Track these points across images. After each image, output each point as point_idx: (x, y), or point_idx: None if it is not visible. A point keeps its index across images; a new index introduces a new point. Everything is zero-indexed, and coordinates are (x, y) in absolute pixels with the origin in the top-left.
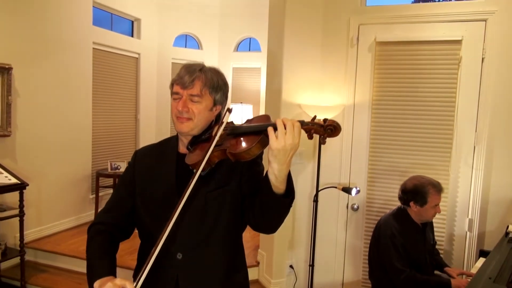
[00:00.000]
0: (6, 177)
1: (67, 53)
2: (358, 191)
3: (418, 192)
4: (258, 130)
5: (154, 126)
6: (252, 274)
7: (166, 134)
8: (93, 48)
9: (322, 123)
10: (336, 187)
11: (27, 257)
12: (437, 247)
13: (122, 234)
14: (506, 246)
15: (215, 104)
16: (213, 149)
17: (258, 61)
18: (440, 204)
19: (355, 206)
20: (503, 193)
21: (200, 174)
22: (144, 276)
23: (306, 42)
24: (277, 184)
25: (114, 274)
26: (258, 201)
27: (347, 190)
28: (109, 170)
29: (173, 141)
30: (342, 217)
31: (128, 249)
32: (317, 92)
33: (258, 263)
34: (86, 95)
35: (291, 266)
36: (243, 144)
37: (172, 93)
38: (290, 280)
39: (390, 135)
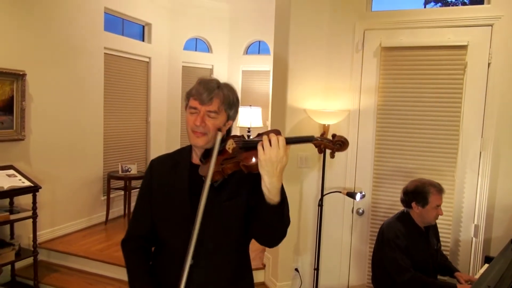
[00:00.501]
0: (20, 180)
1: (79, 59)
2: (363, 196)
3: (419, 192)
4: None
5: (164, 129)
6: (258, 276)
7: (176, 137)
8: (105, 53)
9: (331, 138)
10: (341, 192)
11: (40, 257)
12: (443, 252)
13: (152, 242)
14: (510, 253)
15: (228, 119)
16: (226, 161)
17: (267, 64)
18: (446, 209)
19: (360, 211)
20: (510, 199)
21: (213, 185)
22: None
23: (311, 47)
24: (271, 196)
25: None
26: (257, 213)
27: (351, 195)
28: (120, 172)
29: (186, 151)
30: (347, 221)
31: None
32: (322, 97)
33: (264, 265)
34: (98, 99)
35: (296, 270)
36: (254, 157)
37: (189, 107)
38: (295, 283)
39: (395, 139)
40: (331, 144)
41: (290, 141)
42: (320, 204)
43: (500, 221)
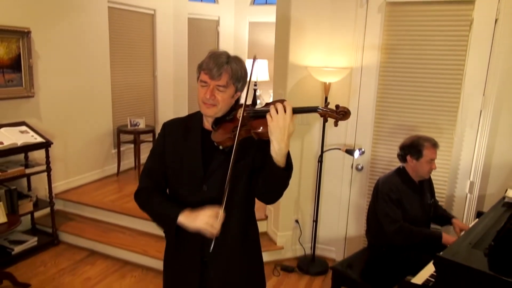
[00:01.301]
0: (32, 136)
1: (83, 13)
2: (362, 152)
3: (414, 146)
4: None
5: (172, 82)
6: (261, 227)
7: (184, 90)
8: (109, 6)
9: (335, 109)
10: (340, 149)
11: (57, 207)
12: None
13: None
14: (499, 210)
15: (236, 91)
16: (237, 128)
17: (274, 15)
18: (443, 165)
19: (359, 166)
20: (506, 157)
21: (224, 149)
22: (224, 206)
23: (314, 1)
24: (278, 159)
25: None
26: (263, 174)
27: (350, 152)
28: (129, 126)
29: (198, 116)
30: (346, 177)
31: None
32: (325, 55)
33: (267, 217)
34: (104, 54)
35: (296, 221)
36: (263, 125)
37: (200, 80)
38: (295, 233)
39: (397, 96)
40: (335, 114)
41: (296, 110)
42: (320, 160)
43: (495, 179)
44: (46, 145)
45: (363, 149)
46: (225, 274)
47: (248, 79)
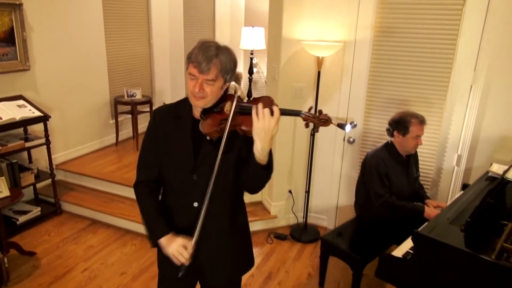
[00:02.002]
0: (30, 110)
1: None
2: (354, 126)
3: (402, 121)
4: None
5: (167, 50)
6: (256, 196)
7: (180, 59)
8: None
9: (317, 115)
10: (332, 123)
11: (58, 177)
12: (425, 179)
13: (161, 184)
14: (482, 184)
15: (225, 82)
16: (224, 121)
17: None
18: (432, 139)
19: (351, 139)
20: (494, 131)
21: (212, 140)
22: (196, 235)
23: None
24: (261, 157)
25: (170, 229)
26: (246, 168)
27: (341, 126)
28: (125, 97)
29: (187, 104)
30: (338, 149)
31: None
32: (318, 28)
33: None
34: (98, 24)
35: (290, 191)
36: (248, 123)
37: (189, 73)
38: (288, 203)
39: (389, 71)
40: (316, 120)
41: (283, 111)
42: (313, 134)
43: (483, 152)
44: (44, 119)
45: (355, 122)
46: (213, 256)
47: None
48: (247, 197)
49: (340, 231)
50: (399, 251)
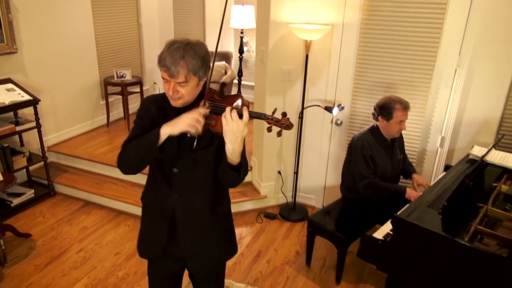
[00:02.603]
0: (19, 94)
1: None
2: (342, 108)
3: (386, 107)
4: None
5: (157, 29)
6: (247, 176)
7: (170, 36)
8: None
9: (279, 118)
10: (319, 106)
11: (51, 159)
12: (410, 160)
13: None
14: (462, 166)
15: (199, 80)
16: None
17: None
18: (417, 121)
19: (339, 121)
20: (477, 114)
21: (189, 136)
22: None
23: None
24: (232, 157)
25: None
26: (221, 165)
27: (329, 109)
28: (115, 78)
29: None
30: (326, 131)
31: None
32: (306, 11)
33: (251, 168)
34: (85, 3)
35: (279, 172)
36: (219, 124)
37: (162, 76)
38: (278, 183)
39: (376, 54)
40: (278, 124)
41: (251, 114)
42: (301, 117)
43: (465, 134)
44: (33, 102)
45: (342, 105)
46: (195, 245)
47: (211, 63)
48: None
49: (326, 211)
50: (380, 233)
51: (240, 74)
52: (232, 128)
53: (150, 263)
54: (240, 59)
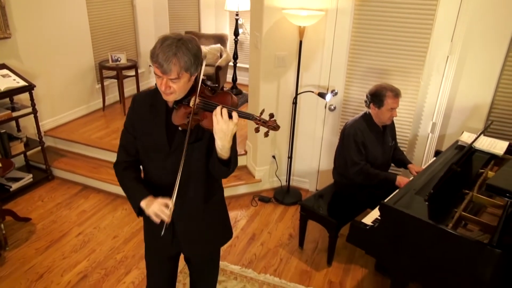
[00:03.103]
0: (14, 80)
1: None
2: (335, 94)
3: (377, 94)
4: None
5: (151, 11)
6: (242, 161)
7: (165, 19)
8: None
9: (266, 120)
10: (313, 92)
11: (48, 143)
12: (402, 145)
13: (140, 164)
14: (451, 153)
15: (191, 76)
16: (190, 115)
17: None
18: (409, 107)
19: (332, 107)
20: (467, 101)
21: (181, 130)
22: (174, 196)
23: None
24: (222, 153)
25: (151, 194)
26: (211, 159)
27: (322, 95)
28: (110, 62)
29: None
30: (320, 116)
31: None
32: None
33: (246, 152)
34: None
35: (273, 157)
36: (210, 121)
37: (154, 72)
38: (272, 167)
39: (369, 40)
40: (265, 125)
41: (240, 114)
42: (295, 102)
43: (456, 120)
44: (29, 88)
45: (336, 91)
46: (190, 233)
47: (202, 59)
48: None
49: (319, 196)
50: (369, 218)
51: (235, 57)
52: (222, 127)
53: (148, 248)
54: (236, 42)
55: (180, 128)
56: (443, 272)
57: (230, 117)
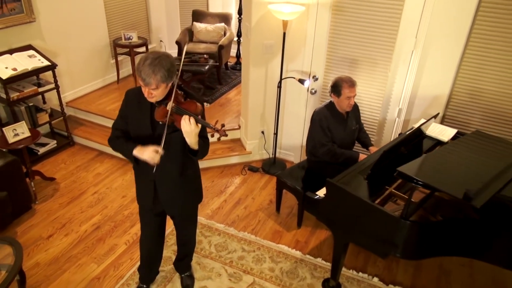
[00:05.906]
0: (39, 60)
1: None
2: (316, 79)
3: (336, 85)
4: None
5: None
6: (236, 134)
7: None
8: None
9: (219, 128)
10: (294, 78)
11: (69, 113)
12: (371, 128)
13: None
14: (403, 136)
15: (167, 85)
16: (168, 117)
17: None
18: (378, 94)
19: (313, 91)
20: (429, 90)
21: (161, 124)
22: (162, 144)
23: None
24: (191, 146)
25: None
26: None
27: (302, 81)
28: (123, 40)
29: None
30: (303, 98)
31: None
32: None
33: (240, 126)
34: None
35: (262, 132)
36: (179, 123)
37: (139, 81)
38: (261, 142)
39: (346, 32)
40: (218, 133)
41: (199, 122)
42: (279, 86)
43: (419, 107)
44: (52, 67)
45: (317, 76)
46: (170, 196)
47: (176, 71)
48: (230, 135)
49: (293, 170)
50: (322, 191)
51: (239, 34)
52: (187, 130)
53: (141, 207)
54: (239, 20)
55: (160, 122)
56: (371, 237)
57: (197, 122)
